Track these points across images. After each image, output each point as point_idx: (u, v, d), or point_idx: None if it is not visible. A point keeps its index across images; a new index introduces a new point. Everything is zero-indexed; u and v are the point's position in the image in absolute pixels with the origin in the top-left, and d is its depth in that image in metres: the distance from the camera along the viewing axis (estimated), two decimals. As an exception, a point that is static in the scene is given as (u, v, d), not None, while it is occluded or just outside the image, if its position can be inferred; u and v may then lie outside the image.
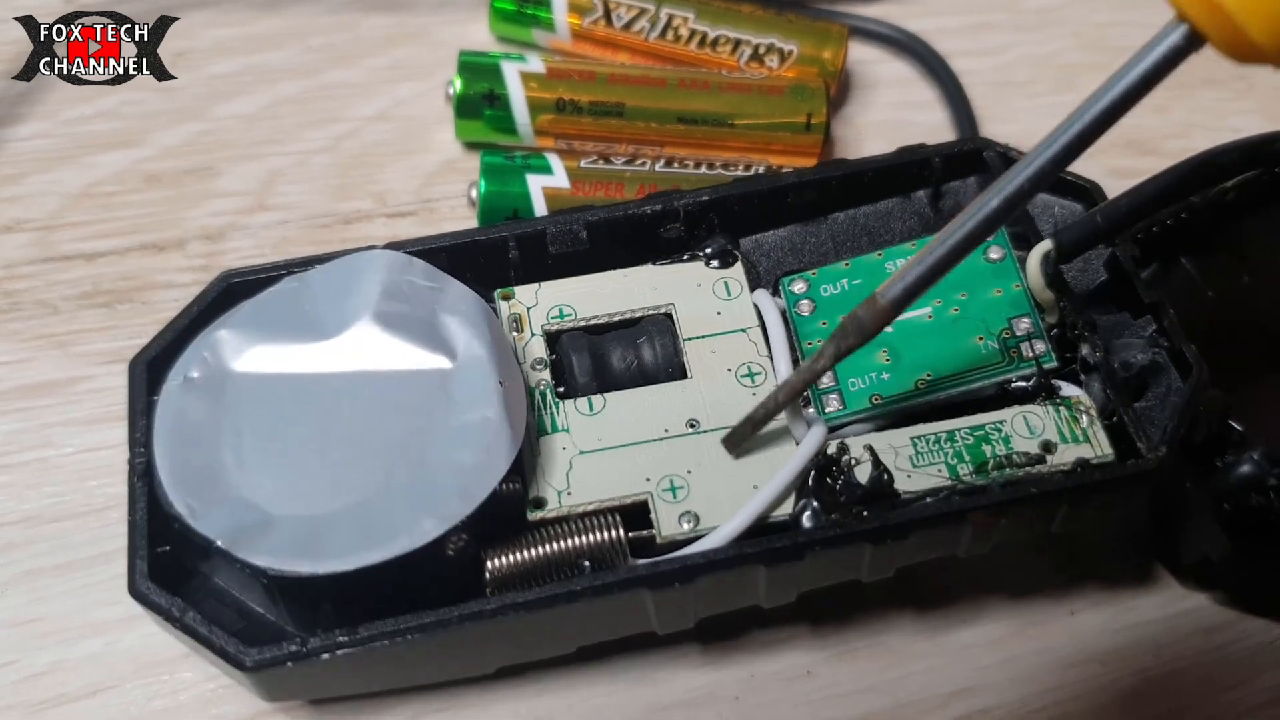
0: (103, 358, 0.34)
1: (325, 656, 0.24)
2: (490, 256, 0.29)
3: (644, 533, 0.26)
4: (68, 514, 0.31)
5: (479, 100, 0.37)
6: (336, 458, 0.25)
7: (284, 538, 0.23)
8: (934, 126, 0.40)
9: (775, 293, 0.30)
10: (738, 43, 0.39)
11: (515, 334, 0.28)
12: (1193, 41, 0.20)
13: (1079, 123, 0.22)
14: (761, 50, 0.39)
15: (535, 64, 0.37)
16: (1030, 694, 0.30)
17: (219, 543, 0.23)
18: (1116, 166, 0.39)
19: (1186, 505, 0.29)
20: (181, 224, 0.37)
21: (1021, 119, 0.41)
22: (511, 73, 0.37)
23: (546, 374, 0.28)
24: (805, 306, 0.29)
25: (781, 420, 0.27)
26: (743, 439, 0.27)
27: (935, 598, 0.31)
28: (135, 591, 0.24)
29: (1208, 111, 0.42)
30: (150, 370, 0.27)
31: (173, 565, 0.25)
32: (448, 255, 0.29)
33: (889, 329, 0.28)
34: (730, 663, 0.30)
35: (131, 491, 0.25)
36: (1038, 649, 0.31)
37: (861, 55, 0.42)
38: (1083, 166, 0.30)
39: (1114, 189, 0.30)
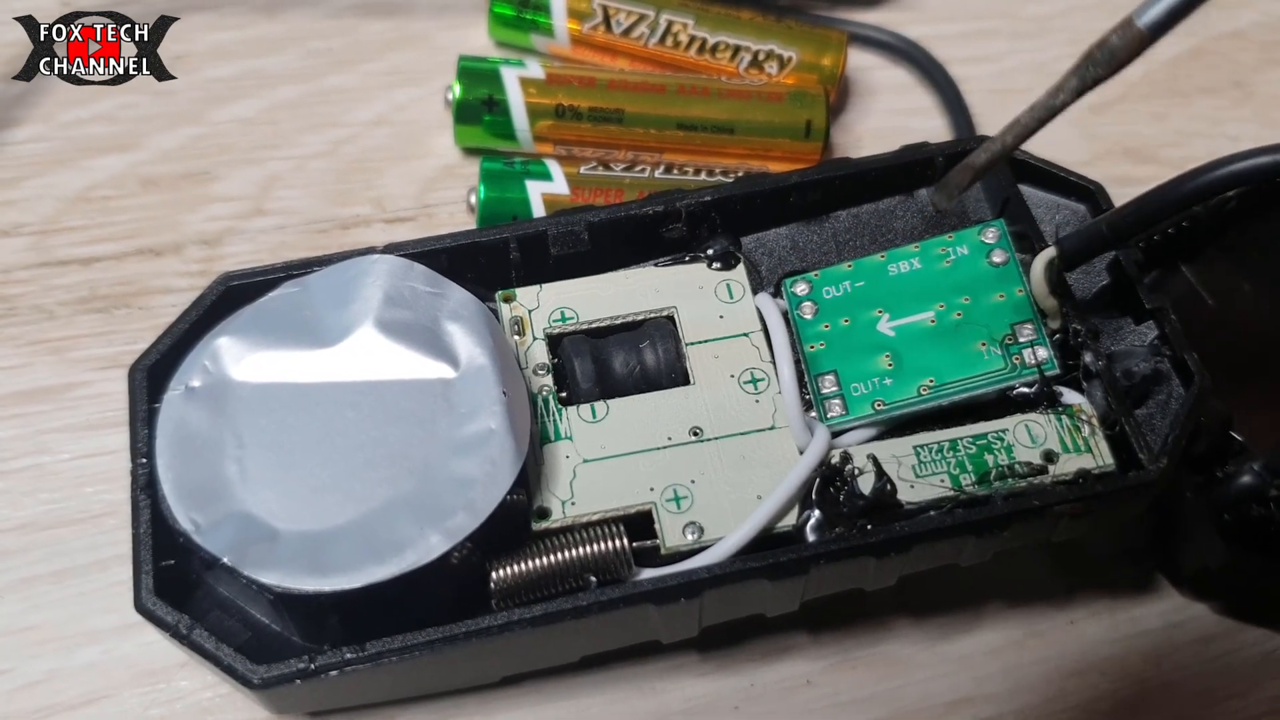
0: (99, 363, 0.34)
1: (333, 674, 0.24)
2: (491, 258, 0.29)
3: (648, 543, 0.26)
4: (64, 521, 0.31)
5: (478, 106, 0.37)
6: (340, 470, 0.24)
7: (290, 554, 0.23)
8: (932, 133, 0.40)
9: (777, 294, 0.29)
10: (737, 49, 0.39)
11: (517, 337, 0.28)
12: None
13: None
14: (761, 57, 0.39)
15: (535, 69, 0.37)
16: (1030, 704, 0.30)
17: (225, 560, 0.23)
18: (1114, 174, 0.39)
19: (1186, 515, 0.29)
20: (179, 228, 0.36)
21: (1020, 126, 0.41)
22: (511, 78, 0.37)
23: (549, 379, 0.28)
24: (808, 309, 0.29)
25: (783, 425, 0.27)
26: (957, 189, 0.23)
27: (935, 607, 0.31)
28: (141, 608, 0.24)
29: (1205, 120, 0.42)
30: (150, 377, 0.26)
31: (177, 577, 0.25)
32: (448, 256, 0.28)
33: (891, 333, 0.29)
34: (730, 672, 0.30)
35: (135, 505, 0.25)
36: (1038, 658, 0.31)
37: (861, 62, 0.42)
38: (1083, 171, 0.31)
39: (1111, 196, 0.30)
